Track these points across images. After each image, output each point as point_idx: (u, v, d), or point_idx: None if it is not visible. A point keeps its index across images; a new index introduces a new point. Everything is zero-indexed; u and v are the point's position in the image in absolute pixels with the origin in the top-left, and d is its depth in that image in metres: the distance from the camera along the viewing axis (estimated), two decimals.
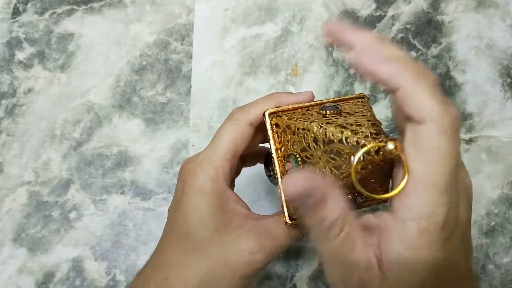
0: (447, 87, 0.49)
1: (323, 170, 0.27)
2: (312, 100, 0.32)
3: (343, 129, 0.25)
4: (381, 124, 0.28)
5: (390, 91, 0.23)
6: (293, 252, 0.45)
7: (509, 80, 0.49)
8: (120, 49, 0.51)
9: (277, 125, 0.30)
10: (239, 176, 0.38)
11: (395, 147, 0.23)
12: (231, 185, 0.36)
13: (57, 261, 0.45)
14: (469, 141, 0.48)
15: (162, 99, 0.50)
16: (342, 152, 0.25)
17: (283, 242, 0.31)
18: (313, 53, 0.51)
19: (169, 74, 0.50)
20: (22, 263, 0.45)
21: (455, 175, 0.23)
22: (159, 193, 0.47)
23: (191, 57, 0.51)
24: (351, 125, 0.26)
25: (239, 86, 0.50)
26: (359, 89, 0.49)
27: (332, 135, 0.26)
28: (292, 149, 0.29)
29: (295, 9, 0.52)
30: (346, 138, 0.25)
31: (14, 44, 0.51)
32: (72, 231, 0.46)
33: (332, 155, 0.26)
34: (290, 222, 0.29)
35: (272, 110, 0.30)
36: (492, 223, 0.46)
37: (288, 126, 0.29)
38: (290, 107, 0.30)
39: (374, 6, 0.52)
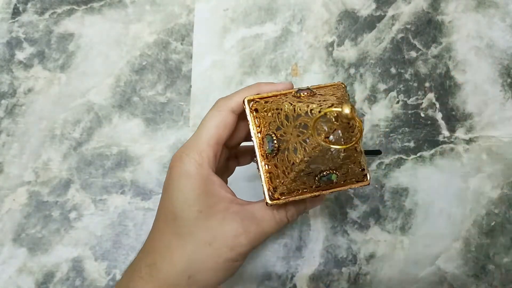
0: (447, 87, 0.49)
1: (295, 145, 0.28)
2: (291, 88, 0.33)
3: (309, 104, 0.27)
4: (354, 104, 0.28)
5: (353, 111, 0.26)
6: (293, 252, 0.45)
7: (509, 80, 0.49)
8: (120, 49, 0.51)
9: (256, 110, 0.32)
10: (239, 176, 0.38)
11: (350, 110, 0.24)
12: (223, 176, 0.38)
13: (57, 261, 0.45)
14: (469, 141, 0.48)
15: (162, 99, 0.50)
16: (309, 125, 0.27)
17: (267, 227, 0.32)
18: (313, 53, 0.51)
19: (169, 74, 0.50)
20: (22, 263, 0.45)
21: None
22: (159, 193, 0.47)
23: (191, 57, 0.51)
24: (319, 101, 0.27)
25: (239, 86, 0.50)
26: (360, 88, 0.49)
27: (300, 109, 0.27)
28: (269, 129, 0.31)
29: (295, 9, 0.52)
30: (311, 110, 0.27)
31: (14, 44, 0.51)
32: (72, 231, 0.46)
33: (301, 129, 0.28)
34: (270, 203, 0.30)
35: (251, 97, 0.31)
36: (492, 223, 0.46)
37: (265, 110, 0.31)
38: (269, 94, 0.32)
39: (374, 6, 0.52)
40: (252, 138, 0.31)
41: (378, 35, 0.51)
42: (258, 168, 0.31)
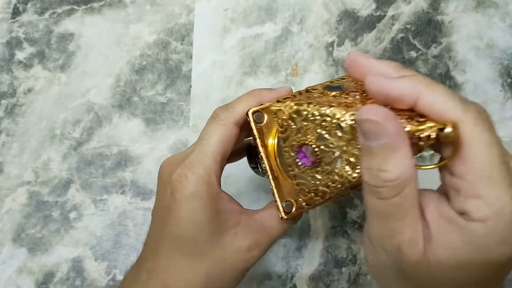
0: (447, 87, 0.49)
1: (351, 159, 0.24)
2: (291, 93, 0.32)
3: None
4: None
5: (409, 105, 0.23)
6: (293, 252, 0.45)
7: (509, 80, 0.49)
8: (120, 49, 0.51)
9: (276, 114, 0.29)
10: (239, 175, 0.38)
11: (454, 129, 0.21)
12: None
13: (57, 261, 0.45)
14: None
15: (162, 99, 0.50)
16: None
17: (277, 234, 0.32)
18: (313, 53, 0.51)
19: (169, 74, 0.50)
20: (22, 263, 0.45)
21: (505, 165, 0.21)
22: None
23: (191, 57, 0.51)
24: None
25: (239, 86, 0.50)
26: None
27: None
28: (304, 138, 0.27)
29: (295, 9, 0.52)
30: None
31: (14, 44, 0.51)
32: (72, 231, 0.46)
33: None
34: (285, 217, 0.30)
35: (255, 109, 0.30)
36: None
37: (297, 112, 0.27)
38: (272, 103, 0.30)
39: (374, 6, 0.52)
40: (260, 155, 0.30)
41: (378, 35, 0.51)
42: (270, 183, 0.30)
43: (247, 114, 0.30)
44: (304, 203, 0.30)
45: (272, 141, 0.31)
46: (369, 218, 0.23)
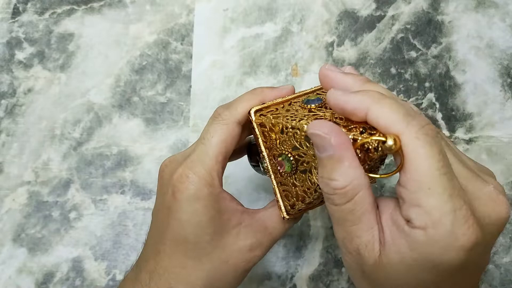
0: (447, 87, 0.49)
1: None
2: (293, 92, 0.32)
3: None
4: None
5: (361, 118, 0.24)
6: (293, 252, 0.45)
7: (509, 80, 0.49)
8: (120, 49, 0.51)
9: (262, 124, 0.30)
10: (239, 175, 0.38)
11: (395, 142, 0.23)
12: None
13: (57, 261, 0.45)
14: (469, 141, 0.48)
15: (162, 99, 0.50)
16: None
17: (278, 234, 0.32)
18: (313, 53, 0.51)
19: (169, 74, 0.50)
20: (22, 263, 0.45)
21: (447, 176, 0.22)
22: None
23: (191, 57, 0.51)
24: (341, 119, 0.26)
25: (239, 86, 0.50)
26: None
27: None
28: (282, 148, 0.29)
29: (295, 9, 0.52)
30: None
31: (14, 44, 0.51)
32: (72, 231, 0.46)
33: None
34: (287, 217, 0.30)
35: (257, 108, 0.30)
36: None
37: (274, 125, 0.29)
38: (275, 102, 0.30)
39: (374, 6, 0.52)
40: (262, 154, 0.30)
41: (378, 35, 0.51)
42: (272, 184, 0.31)
43: (249, 113, 0.30)
44: (300, 208, 0.30)
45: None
46: (333, 223, 0.26)
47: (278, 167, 0.30)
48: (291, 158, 0.28)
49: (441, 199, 0.22)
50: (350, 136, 0.24)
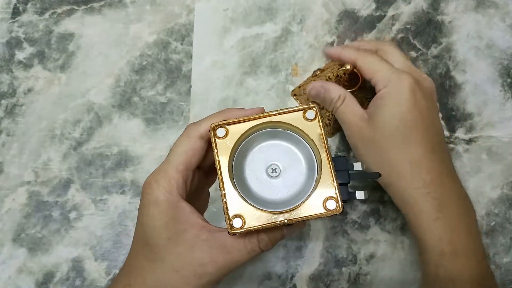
0: (447, 87, 0.49)
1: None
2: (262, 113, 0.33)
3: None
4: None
5: (353, 67, 0.42)
6: (293, 252, 0.45)
7: (509, 80, 0.49)
8: (120, 49, 0.51)
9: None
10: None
11: (351, 66, 0.43)
12: (199, 200, 0.38)
13: (57, 261, 0.45)
14: (469, 141, 0.48)
15: (162, 99, 0.50)
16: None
17: (237, 256, 0.31)
18: (313, 53, 0.51)
19: (169, 74, 0.50)
20: (22, 263, 0.45)
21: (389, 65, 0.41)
22: None
23: (191, 57, 0.51)
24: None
25: (239, 86, 0.50)
26: None
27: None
28: (312, 100, 0.44)
29: (295, 9, 0.52)
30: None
31: (14, 44, 0.51)
32: (72, 231, 0.46)
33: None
34: (232, 232, 0.29)
35: (217, 123, 0.32)
36: (492, 223, 0.46)
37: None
38: (235, 120, 0.32)
39: (374, 6, 0.52)
40: (215, 165, 0.31)
41: (378, 35, 0.51)
42: (222, 198, 0.30)
43: (210, 127, 0.32)
44: (252, 225, 0.30)
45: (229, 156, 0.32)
46: (342, 124, 0.42)
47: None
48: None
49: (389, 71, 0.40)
50: (329, 74, 0.44)
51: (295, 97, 0.49)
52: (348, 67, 0.42)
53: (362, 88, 0.46)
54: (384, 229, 0.46)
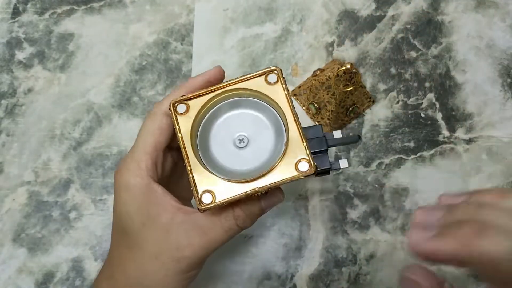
0: (447, 87, 0.49)
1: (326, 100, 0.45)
2: (221, 75, 0.33)
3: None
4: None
5: (353, 67, 0.40)
6: (293, 252, 0.45)
7: (509, 80, 0.49)
8: (120, 49, 0.51)
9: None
10: None
11: (350, 66, 0.41)
12: (178, 181, 0.35)
13: (57, 261, 0.45)
14: (469, 141, 0.48)
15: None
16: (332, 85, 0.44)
17: (215, 236, 0.30)
18: (313, 53, 0.51)
19: (169, 74, 0.50)
20: (22, 263, 0.45)
21: None
22: None
23: (191, 57, 0.51)
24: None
25: None
26: None
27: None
28: (312, 100, 0.45)
29: (295, 9, 0.52)
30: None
31: (14, 44, 0.51)
32: (72, 231, 0.46)
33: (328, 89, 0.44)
34: (202, 208, 0.28)
35: (176, 99, 0.31)
36: None
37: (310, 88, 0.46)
38: (195, 94, 0.31)
39: (374, 6, 0.52)
40: (178, 142, 0.30)
41: (378, 35, 0.51)
42: (187, 171, 0.29)
43: (170, 104, 0.31)
44: (223, 198, 0.29)
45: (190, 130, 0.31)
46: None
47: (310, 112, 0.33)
48: (316, 105, 0.44)
49: None
50: (329, 74, 0.44)
51: (295, 97, 0.49)
52: (348, 66, 0.42)
53: (361, 88, 0.46)
54: (384, 229, 0.46)
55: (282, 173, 0.29)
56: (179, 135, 0.30)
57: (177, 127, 0.30)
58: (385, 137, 0.48)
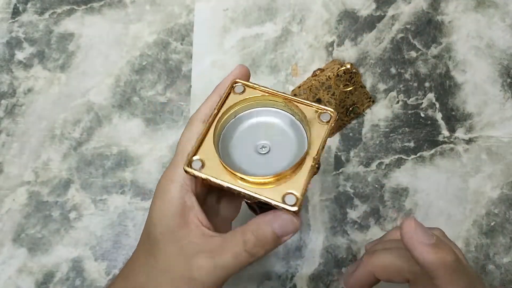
0: (447, 87, 0.49)
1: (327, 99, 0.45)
2: (246, 71, 0.34)
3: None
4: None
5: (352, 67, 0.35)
6: (293, 252, 0.45)
7: (509, 80, 0.49)
8: (120, 49, 0.51)
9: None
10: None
11: (350, 66, 0.41)
12: (211, 202, 0.35)
13: (57, 261, 0.45)
14: (469, 141, 0.48)
15: (162, 99, 0.50)
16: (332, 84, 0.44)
17: (223, 262, 0.28)
18: (313, 53, 0.51)
19: (169, 74, 0.50)
20: (22, 263, 0.45)
21: None
22: None
23: (191, 57, 0.51)
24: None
25: None
26: None
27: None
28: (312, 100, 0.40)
29: (295, 9, 0.52)
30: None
31: (14, 44, 0.51)
32: (72, 231, 0.46)
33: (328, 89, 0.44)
34: (186, 170, 0.29)
35: (238, 81, 0.32)
36: (492, 223, 0.46)
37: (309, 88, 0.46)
38: (257, 86, 0.32)
39: (374, 6, 0.52)
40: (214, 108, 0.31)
41: (378, 35, 0.51)
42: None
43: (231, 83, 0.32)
44: (208, 175, 0.29)
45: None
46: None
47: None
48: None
49: None
50: (329, 74, 0.44)
51: (295, 97, 0.49)
52: (348, 66, 0.42)
53: (361, 88, 0.46)
54: (384, 229, 0.46)
55: (272, 192, 0.28)
56: (219, 103, 0.31)
57: (223, 98, 0.32)
58: (385, 137, 0.48)
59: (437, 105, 0.49)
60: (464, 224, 0.46)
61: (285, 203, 0.28)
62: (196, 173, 0.29)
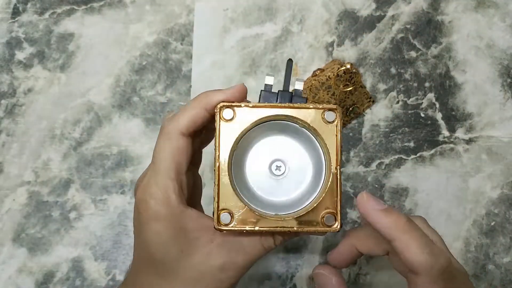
0: (447, 87, 0.49)
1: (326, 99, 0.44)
2: (243, 92, 0.30)
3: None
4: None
5: (387, 240, 0.30)
6: (293, 252, 0.45)
7: (509, 80, 0.49)
8: (120, 49, 0.51)
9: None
10: None
11: (350, 66, 0.42)
12: (194, 200, 0.35)
13: (57, 261, 0.45)
14: (469, 141, 0.48)
15: (162, 99, 0.50)
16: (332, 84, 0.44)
17: (255, 255, 0.30)
18: (313, 53, 0.51)
19: (169, 74, 0.50)
20: (22, 263, 0.45)
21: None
22: None
23: (191, 57, 0.51)
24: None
25: None
26: None
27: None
28: (312, 100, 0.44)
29: (295, 9, 0.52)
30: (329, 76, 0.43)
31: (14, 44, 0.51)
32: (72, 231, 0.46)
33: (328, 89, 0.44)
34: (218, 228, 0.28)
35: (223, 104, 0.29)
36: (492, 223, 0.46)
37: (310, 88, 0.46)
38: (245, 104, 0.29)
39: (374, 6, 0.52)
40: (216, 153, 0.29)
41: (378, 35, 0.51)
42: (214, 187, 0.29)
43: (215, 107, 0.29)
44: (244, 225, 0.28)
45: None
46: None
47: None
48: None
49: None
50: (329, 74, 0.44)
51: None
52: (348, 66, 0.42)
53: (361, 88, 0.46)
54: None
55: (310, 216, 0.28)
56: (219, 145, 0.28)
57: (219, 137, 0.29)
58: (385, 137, 0.48)
59: (437, 105, 0.49)
60: (464, 224, 0.46)
61: (327, 226, 0.29)
62: (230, 228, 0.28)
